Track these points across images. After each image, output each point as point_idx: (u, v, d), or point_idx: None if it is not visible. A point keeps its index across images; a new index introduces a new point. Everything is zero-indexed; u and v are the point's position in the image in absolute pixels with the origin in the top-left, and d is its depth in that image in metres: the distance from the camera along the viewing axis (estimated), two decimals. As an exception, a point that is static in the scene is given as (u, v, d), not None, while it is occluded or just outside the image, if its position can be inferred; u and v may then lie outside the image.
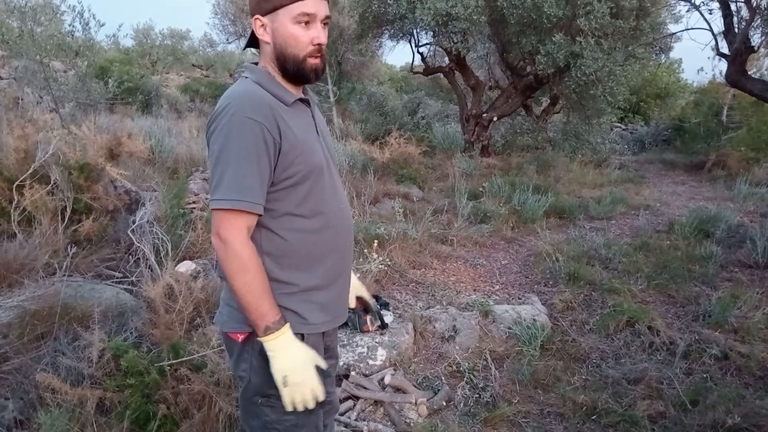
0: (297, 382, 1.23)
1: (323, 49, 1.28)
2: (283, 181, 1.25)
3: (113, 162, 3.89)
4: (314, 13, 1.24)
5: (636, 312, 3.29)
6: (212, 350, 2.27)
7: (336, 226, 1.37)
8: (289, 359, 1.23)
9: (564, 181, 7.61)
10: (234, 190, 1.18)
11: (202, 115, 11.89)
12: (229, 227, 1.19)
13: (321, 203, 1.32)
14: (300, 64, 1.27)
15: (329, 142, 1.44)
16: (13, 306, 2.45)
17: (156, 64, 18.07)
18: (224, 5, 17.81)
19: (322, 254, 1.34)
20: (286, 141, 1.23)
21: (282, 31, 1.25)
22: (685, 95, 15.15)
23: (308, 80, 1.31)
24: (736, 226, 5.17)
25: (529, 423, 2.43)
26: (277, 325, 1.22)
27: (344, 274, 1.44)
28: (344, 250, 1.41)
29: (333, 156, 1.43)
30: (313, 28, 1.26)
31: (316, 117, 1.40)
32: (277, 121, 1.22)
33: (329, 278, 1.37)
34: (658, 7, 7.73)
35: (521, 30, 7.56)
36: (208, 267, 3.36)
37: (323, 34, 1.27)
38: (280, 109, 1.26)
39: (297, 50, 1.26)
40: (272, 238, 1.28)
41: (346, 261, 1.44)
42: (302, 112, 1.35)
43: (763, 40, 5.59)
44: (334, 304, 1.40)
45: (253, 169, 1.19)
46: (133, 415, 2.00)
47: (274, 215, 1.27)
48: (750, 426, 2.24)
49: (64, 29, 7.00)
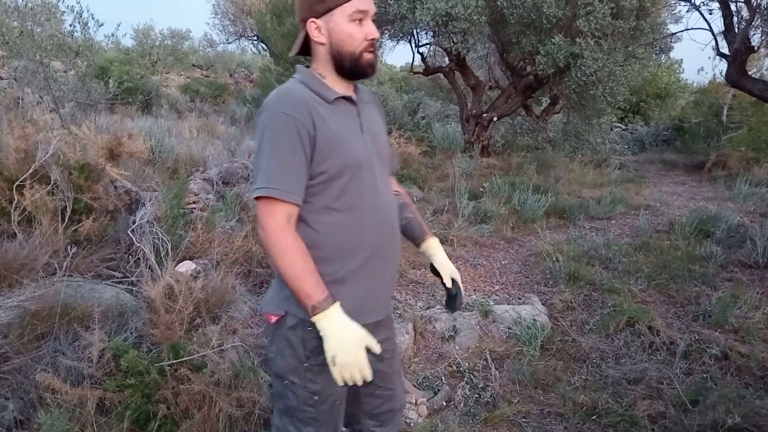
0: (346, 363, 1.25)
1: (376, 43, 1.34)
2: (319, 175, 1.31)
3: (113, 162, 3.88)
4: (366, 10, 1.31)
5: (636, 312, 3.29)
6: (212, 350, 2.27)
7: (371, 222, 1.39)
8: (337, 338, 1.25)
9: (564, 181, 7.60)
10: (268, 179, 1.27)
11: (202, 115, 11.89)
12: (266, 215, 1.27)
13: (357, 199, 1.36)
14: (357, 60, 1.33)
15: (380, 141, 1.45)
16: (13, 306, 2.45)
17: (156, 64, 18.07)
18: (224, 5, 17.84)
19: (354, 248, 1.37)
20: (321, 135, 1.29)
21: (338, 30, 1.31)
22: (685, 95, 15.14)
23: (365, 74, 1.36)
24: (736, 226, 5.17)
25: (529, 423, 2.43)
26: (324, 304, 1.25)
27: (380, 271, 1.44)
28: (380, 247, 1.41)
29: (382, 155, 1.45)
30: (366, 25, 1.32)
31: (363, 115, 1.42)
32: (312, 116, 1.29)
33: (361, 273, 1.39)
34: (658, 7, 7.73)
35: (521, 30, 7.56)
36: (208, 267, 3.36)
37: (375, 29, 1.33)
38: (319, 106, 1.32)
39: (353, 47, 1.32)
40: (306, 231, 1.33)
41: (383, 259, 1.43)
42: (346, 110, 1.38)
43: (763, 40, 5.59)
44: (366, 299, 1.42)
45: (286, 159, 1.27)
46: (133, 415, 2.00)
47: (313, 209, 1.34)
48: (750, 426, 2.24)
49: (63, 29, 7.00)
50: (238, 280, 3.37)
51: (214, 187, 5.20)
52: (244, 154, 7.04)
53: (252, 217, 4.41)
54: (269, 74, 12.79)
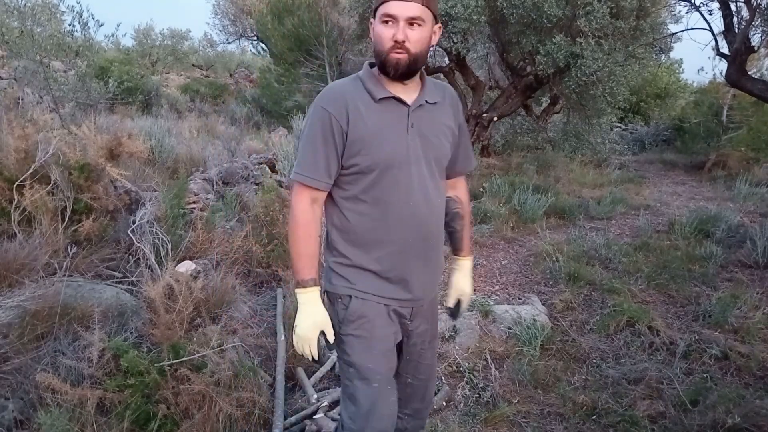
0: (299, 335, 1.47)
1: (405, 45, 1.37)
2: (351, 167, 1.44)
3: (113, 162, 3.88)
4: (395, 14, 1.36)
5: (636, 312, 3.29)
6: (212, 350, 2.27)
7: (398, 219, 1.47)
8: (302, 315, 1.47)
9: (564, 181, 7.60)
10: (300, 165, 1.46)
11: (202, 115, 11.89)
12: (294, 195, 1.48)
13: (387, 194, 1.45)
14: (384, 58, 1.40)
15: (433, 143, 1.49)
16: (13, 306, 2.45)
17: (156, 64, 18.07)
18: (224, 5, 17.83)
19: (378, 240, 1.48)
20: (354, 131, 1.41)
21: (374, 30, 1.42)
22: (685, 95, 15.13)
23: (388, 74, 1.41)
24: (736, 226, 5.17)
25: (529, 423, 2.43)
26: (306, 284, 1.46)
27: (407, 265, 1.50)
28: (407, 244, 1.49)
29: (430, 156, 1.49)
30: (395, 27, 1.37)
31: (417, 116, 1.46)
32: (348, 112, 1.41)
33: (385, 265, 1.49)
34: (658, 7, 7.72)
35: (521, 30, 7.55)
36: (208, 267, 3.36)
37: (402, 32, 1.36)
38: (361, 103, 1.42)
39: (381, 47, 1.40)
40: (339, 215, 1.50)
41: (411, 255, 1.50)
42: (394, 109, 1.45)
43: (763, 40, 5.58)
44: (390, 291, 1.51)
45: (317, 149, 1.42)
46: (133, 415, 2.00)
47: (345, 195, 1.48)
48: (750, 426, 2.24)
49: (63, 29, 7.00)
50: (238, 280, 3.37)
51: (214, 187, 5.20)
52: (244, 153, 7.05)
53: (251, 217, 4.41)
54: (269, 74, 12.81)
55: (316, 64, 10.56)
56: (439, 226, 1.58)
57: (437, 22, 1.44)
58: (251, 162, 6.29)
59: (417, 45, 1.38)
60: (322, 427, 2.19)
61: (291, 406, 2.43)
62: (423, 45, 1.40)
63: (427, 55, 1.44)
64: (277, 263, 3.74)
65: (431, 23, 1.41)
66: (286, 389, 2.51)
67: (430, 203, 1.51)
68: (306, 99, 11.23)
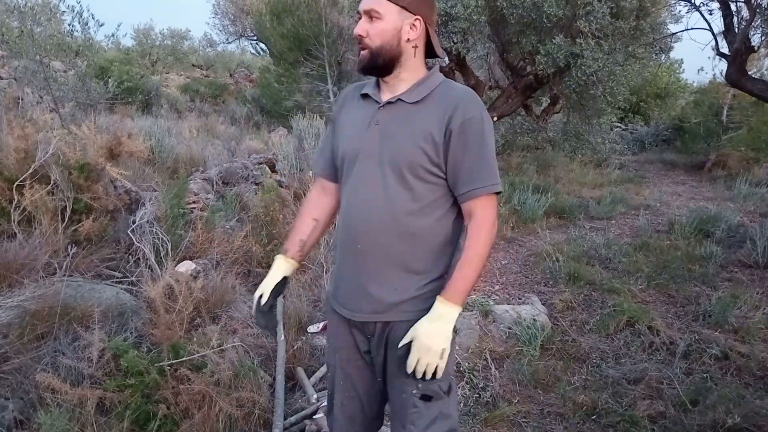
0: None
1: (364, 41, 1.34)
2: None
3: (113, 162, 3.88)
4: (359, 9, 1.36)
5: (636, 312, 3.29)
6: (212, 350, 2.27)
7: (349, 220, 1.40)
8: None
9: (564, 181, 7.61)
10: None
11: (202, 115, 11.90)
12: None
13: (345, 192, 1.43)
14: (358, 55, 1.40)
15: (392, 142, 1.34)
16: (13, 306, 2.45)
17: (156, 64, 18.07)
18: (224, 5, 17.83)
19: (337, 239, 1.49)
20: (337, 124, 1.49)
21: None
22: (685, 95, 15.13)
23: (358, 70, 1.43)
24: (736, 226, 5.17)
25: (529, 423, 2.43)
26: (281, 249, 1.55)
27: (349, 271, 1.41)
28: (342, 243, 1.42)
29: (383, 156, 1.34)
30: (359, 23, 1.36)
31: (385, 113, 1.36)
32: (341, 107, 1.50)
33: (337, 267, 1.48)
34: (658, 7, 7.72)
35: (521, 30, 7.55)
36: (208, 267, 3.36)
37: (359, 26, 1.35)
38: (354, 99, 1.46)
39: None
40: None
41: (344, 257, 1.42)
42: (367, 105, 1.42)
43: (763, 40, 5.58)
44: (338, 293, 1.47)
45: (324, 140, 1.57)
46: (133, 415, 2.00)
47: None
48: (750, 426, 2.24)
49: (63, 29, 7.00)
50: (238, 280, 3.37)
51: (214, 187, 5.21)
52: (244, 153, 7.05)
53: (251, 217, 4.41)
54: (269, 74, 12.81)
55: (316, 64, 10.55)
56: (382, 235, 1.35)
57: (414, 13, 1.32)
58: (251, 162, 6.30)
59: (376, 39, 1.32)
60: (322, 427, 2.19)
61: (291, 406, 2.43)
62: (384, 38, 1.31)
63: (396, 49, 1.33)
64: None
65: (396, 15, 1.31)
66: (286, 389, 2.51)
67: (372, 205, 1.34)
68: (306, 99, 11.23)
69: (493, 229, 1.33)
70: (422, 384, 1.36)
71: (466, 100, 1.34)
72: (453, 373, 1.49)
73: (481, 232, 1.31)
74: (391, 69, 1.36)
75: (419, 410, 1.39)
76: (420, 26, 1.34)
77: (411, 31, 1.34)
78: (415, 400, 1.39)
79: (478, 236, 1.31)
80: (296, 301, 3.15)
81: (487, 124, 1.35)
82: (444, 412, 1.43)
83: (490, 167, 1.33)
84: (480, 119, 1.33)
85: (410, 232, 1.34)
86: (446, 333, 1.31)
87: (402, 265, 1.36)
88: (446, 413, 1.44)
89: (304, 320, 3.05)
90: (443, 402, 1.42)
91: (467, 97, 1.35)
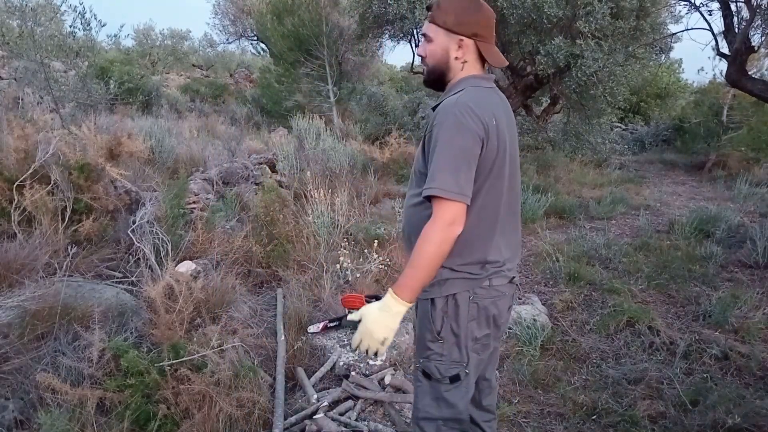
0: None
1: (424, 60, 1.55)
2: None
3: (113, 162, 3.89)
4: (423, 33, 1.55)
5: (636, 312, 3.29)
6: (212, 350, 2.27)
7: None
8: None
9: (564, 181, 7.61)
10: None
11: (202, 115, 11.90)
12: None
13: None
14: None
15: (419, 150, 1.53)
16: (13, 306, 2.46)
17: (156, 64, 18.07)
18: (224, 5, 17.83)
19: None
20: None
21: None
22: (686, 95, 15.14)
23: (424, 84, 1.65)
24: (736, 226, 5.17)
25: (529, 423, 2.43)
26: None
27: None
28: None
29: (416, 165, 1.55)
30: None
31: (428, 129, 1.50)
32: None
33: None
34: (658, 7, 7.73)
35: (521, 30, 7.56)
36: (208, 267, 3.36)
37: (420, 48, 1.56)
38: None
39: None
40: None
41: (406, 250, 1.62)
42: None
43: (763, 40, 5.59)
44: None
45: None
46: (133, 415, 2.00)
47: None
48: (750, 426, 2.24)
49: (64, 30, 7.00)
50: (238, 280, 3.37)
51: (214, 187, 5.21)
52: (244, 153, 7.05)
53: (251, 217, 4.41)
54: (269, 74, 12.82)
55: (316, 64, 10.56)
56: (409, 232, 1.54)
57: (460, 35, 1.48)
58: (251, 162, 6.30)
59: (430, 59, 1.53)
60: (322, 427, 2.20)
61: (291, 406, 2.43)
62: (435, 58, 1.52)
63: (446, 67, 1.51)
64: (277, 263, 3.74)
65: (444, 37, 1.49)
66: (286, 389, 2.52)
67: (406, 207, 1.60)
68: (306, 99, 11.23)
69: (441, 231, 1.34)
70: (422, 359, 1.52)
71: (443, 109, 1.43)
72: (465, 363, 1.50)
73: (425, 232, 1.36)
74: (444, 84, 1.55)
75: (422, 385, 1.54)
76: (466, 45, 1.49)
77: (459, 50, 1.49)
78: (419, 373, 1.55)
79: (425, 236, 1.36)
80: (296, 301, 3.15)
81: (447, 129, 1.38)
82: (449, 399, 1.51)
83: (434, 172, 1.36)
84: (440, 125, 1.39)
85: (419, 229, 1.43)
86: (390, 325, 1.39)
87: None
88: (451, 401, 1.51)
89: (304, 320, 3.05)
90: (446, 387, 1.51)
91: (443, 107, 1.44)
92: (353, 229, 4.33)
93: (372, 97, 11.25)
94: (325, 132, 7.29)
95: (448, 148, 1.36)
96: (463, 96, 1.42)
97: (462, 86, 1.48)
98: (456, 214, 1.35)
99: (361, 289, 3.42)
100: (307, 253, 3.78)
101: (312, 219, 4.03)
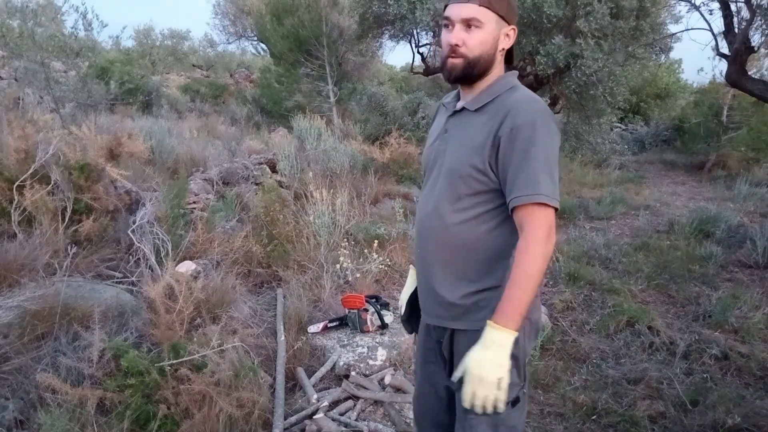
0: None
1: (460, 50, 1.29)
2: None
3: (113, 162, 3.89)
4: (450, 17, 1.30)
5: (636, 312, 3.29)
6: (212, 350, 2.27)
7: (417, 228, 1.45)
8: None
9: (564, 181, 7.60)
10: None
11: (202, 116, 11.89)
12: None
13: (419, 200, 1.47)
14: (443, 64, 1.35)
15: (450, 151, 1.36)
16: (13, 306, 2.46)
17: (156, 64, 18.07)
18: (224, 6, 17.83)
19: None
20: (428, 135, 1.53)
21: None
22: (685, 95, 15.14)
23: (446, 79, 1.37)
24: (736, 226, 5.17)
25: (529, 423, 2.43)
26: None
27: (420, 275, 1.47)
28: (419, 253, 1.44)
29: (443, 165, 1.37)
30: (452, 31, 1.31)
31: (454, 122, 1.39)
32: (433, 118, 1.54)
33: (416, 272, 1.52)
34: (658, 7, 7.73)
35: (521, 30, 7.55)
36: (208, 267, 3.36)
37: (456, 35, 1.29)
38: (441, 108, 1.50)
39: (443, 53, 1.35)
40: None
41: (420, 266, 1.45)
42: (444, 114, 1.46)
43: (763, 40, 5.59)
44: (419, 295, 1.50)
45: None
46: (134, 415, 2.00)
47: None
48: (750, 426, 2.25)
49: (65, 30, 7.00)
50: (238, 280, 3.37)
51: (214, 187, 5.21)
52: (244, 153, 7.05)
53: (251, 217, 4.41)
54: (269, 74, 12.82)
55: (316, 65, 10.55)
56: (440, 244, 1.37)
57: (510, 24, 1.32)
58: (251, 162, 6.30)
59: (475, 49, 1.28)
60: (322, 427, 2.20)
61: (291, 406, 2.43)
62: (483, 48, 1.29)
63: (492, 59, 1.32)
64: (277, 263, 3.74)
65: (495, 24, 1.29)
66: (286, 389, 2.52)
67: (432, 215, 1.37)
68: (306, 99, 11.23)
69: (544, 244, 1.21)
70: None
71: (518, 107, 1.27)
72: (522, 383, 1.35)
73: (527, 247, 1.20)
74: (482, 78, 1.34)
75: (474, 417, 1.30)
76: (513, 35, 1.35)
77: (506, 40, 1.33)
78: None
79: (525, 252, 1.20)
80: (296, 301, 3.15)
81: (541, 131, 1.24)
82: (508, 423, 1.34)
83: (535, 175, 1.21)
84: (530, 126, 1.24)
85: (460, 242, 1.34)
86: (499, 360, 1.17)
87: (454, 273, 1.36)
88: (510, 425, 1.34)
89: (304, 320, 3.05)
90: (506, 412, 1.29)
91: (520, 104, 1.28)
92: (353, 229, 4.33)
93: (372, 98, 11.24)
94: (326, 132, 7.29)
95: (544, 151, 1.22)
96: (533, 95, 1.34)
97: (512, 82, 1.36)
98: (553, 221, 1.23)
99: (361, 289, 3.42)
100: (307, 253, 3.78)
101: (312, 219, 4.03)
